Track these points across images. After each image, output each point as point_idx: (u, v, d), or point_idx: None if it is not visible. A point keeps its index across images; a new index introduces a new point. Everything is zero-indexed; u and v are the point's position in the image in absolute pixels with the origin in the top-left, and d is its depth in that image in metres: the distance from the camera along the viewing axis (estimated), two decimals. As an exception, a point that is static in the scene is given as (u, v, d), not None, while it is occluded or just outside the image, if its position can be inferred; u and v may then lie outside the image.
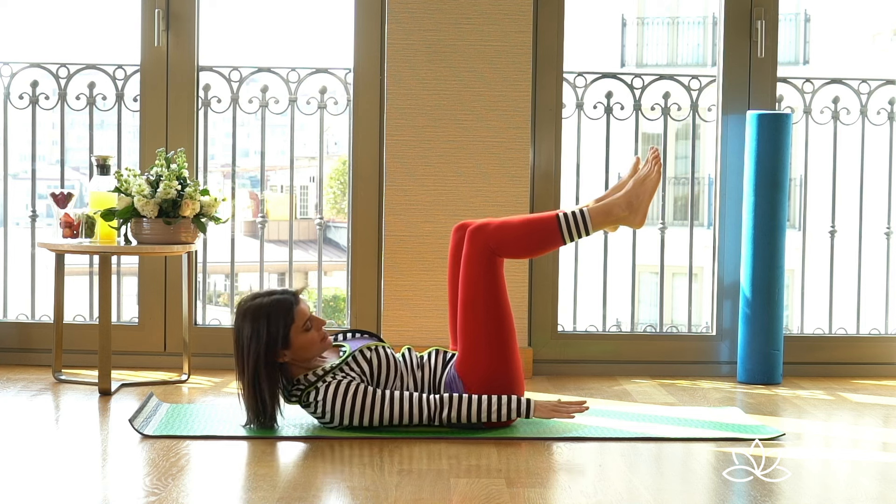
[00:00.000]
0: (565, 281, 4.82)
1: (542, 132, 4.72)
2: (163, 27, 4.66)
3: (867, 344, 4.87)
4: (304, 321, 3.45)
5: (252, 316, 3.42)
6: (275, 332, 3.40)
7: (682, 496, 2.90)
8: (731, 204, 4.77)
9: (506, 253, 3.59)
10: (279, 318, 3.41)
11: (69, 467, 3.09)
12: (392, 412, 3.45)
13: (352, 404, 3.43)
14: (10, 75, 4.79)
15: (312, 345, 3.48)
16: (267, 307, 3.42)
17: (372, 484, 2.92)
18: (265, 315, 3.41)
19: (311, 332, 3.46)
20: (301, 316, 3.44)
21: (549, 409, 3.54)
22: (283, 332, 3.41)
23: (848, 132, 5.05)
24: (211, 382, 4.37)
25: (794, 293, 7.28)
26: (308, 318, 3.46)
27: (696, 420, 3.79)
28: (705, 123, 4.96)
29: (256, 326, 3.40)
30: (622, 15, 14.16)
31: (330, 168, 14.22)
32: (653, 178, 3.65)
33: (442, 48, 4.59)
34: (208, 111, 4.78)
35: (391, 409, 3.45)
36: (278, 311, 3.42)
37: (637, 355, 4.79)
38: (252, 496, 2.82)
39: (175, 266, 4.67)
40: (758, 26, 4.74)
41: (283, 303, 3.44)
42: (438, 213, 4.61)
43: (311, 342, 3.47)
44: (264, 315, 3.41)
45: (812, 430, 3.72)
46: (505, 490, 2.88)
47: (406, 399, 3.46)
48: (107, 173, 4.28)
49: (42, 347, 4.67)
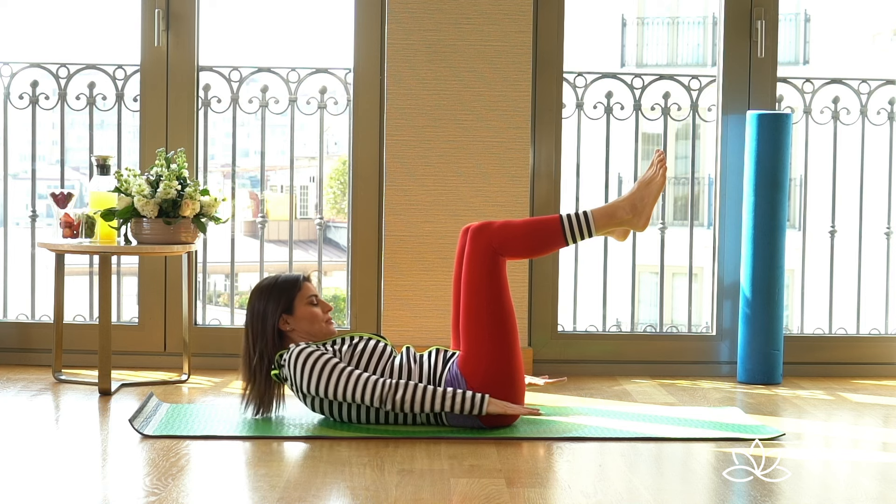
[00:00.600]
0: (565, 281, 4.82)
1: (542, 132, 4.72)
2: (163, 27, 4.66)
3: (867, 344, 4.87)
4: (309, 293, 3.64)
5: (262, 291, 3.65)
6: (279, 297, 3.61)
7: (682, 496, 2.90)
8: (731, 204, 4.77)
9: (508, 253, 3.60)
10: (285, 287, 3.63)
11: (69, 467, 3.09)
12: (346, 386, 3.48)
13: (311, 369, 3.50)
14: (10, 75, 4.79)
15: (315, 318, 3.63)
16: (274, 282, 3.66)
17: (372, 484, 2.92)
18: (275, 289, 3.63)
19: (315, 307, 3.64)
20: (307, 289, 3.64)
21: (501, 405, 3.51)
22: (288, 297, 3.60)
23: (848, 132, 5.05)
24: (211, 382, 4.37)
25: (794, 293, 7.28)
26: (314, 294, 3.65)
27: (696, 420, 3.79)
28: (705, 123, 4.96)
29: (265, 298, 3.62)
30: (622, 15, 14.16)
31: (330, 168, 14.23)
32: (657, 182, 3.67)
33: (442, 48, 4.59)
34: (208, 111, 4.78)
35: (346, 382, 3.48)
36: (285, 282, 3.65)
37: (637, 355, 4.79)
38: (252, 496, 2.82)
39: (175, 266, 4.67)
40: (758, 26, 4.74)
41: (292, 278, 3.67)
42: (438, 213, 4.61)
43: (315, 316, 3.63)
44: (274, 289, 3.64)
45: (812, 430, 3.72)
46: (505, 490, 2.88)
47: (363, 377, 3.50)
48: (107, 173, 4.28)
49: (42, 347, 4.67)
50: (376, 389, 3.48)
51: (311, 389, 3.51)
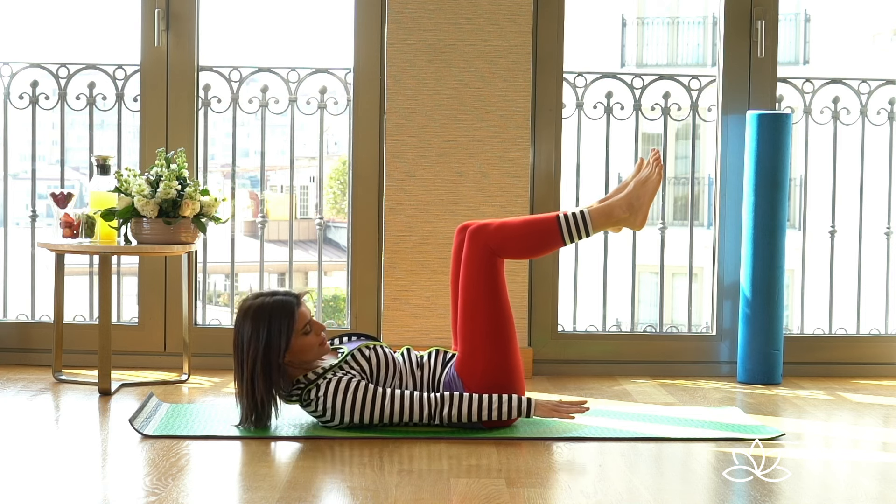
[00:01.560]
0: (565, 281, 4.82)
1: (542, 132, 4.72)
2: (163, 27, 4.66)
3: (867, 344, 4.87)
4: (304, 324, 3.46)
5: (253, 316, 3.43)
6: (275, 334, 3.41)
7: (682, 496, 2.90)
8: (731, 204, 4.77)
9: (506, 253, 3.59)
10: (280, 319, 3.42)
11: (69, 467, 3.09)
12: (393, 410, 3.45)
13: (352, 401, 3.43)
14: (10, 75, 4.79)
15: (310, 349, 3.49)
16: (269, 308, 3.43)
17: (372, 484, 2.92)
18: (266, 316, 3.42)
19: (309, 335, 3.48)
20: (301, 319, 3.46)
21: (549, 408, 3.55)
22: (285, 334, 3.42)
23: (848, 132, 5.05)
24: (211, 382, 4.37)
25: (794, 293, 7.28)
26: (308, 321, 3.48)
27: (696, 420, 3.79)
28: (705, 123, 4.96)
29: (257, 327, 3.41)
30: (622, 15, 14.16)
31: (330, 168, 14.22)
32: (654, 180, 3.67)
33: (442, 48, 4.59)
34: (208, 111, 4.78)
35: (392, 406, 3.45)
36: (280, 312, 3.43)
37: (637, 355, 4.79)
38: (252, 496, 2.82)
39: (175, 266, 4.67)
40: (758, 26, 4.74)
41: (286, 305, 3.45)
42: (438, 213, 4.61)
43: (310, 346, 3.49)
44: (266, 316, 3.42)
45: (812, 430, 3.72)
46: (505, 490, 2.88)
47: (407, 397, 3.46)
48: (107, 173, 4.28)
49: (42, 347, 4.67)
50: (424, 408, 3.45)
51: (357, 420, 3.45)
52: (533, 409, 3.52)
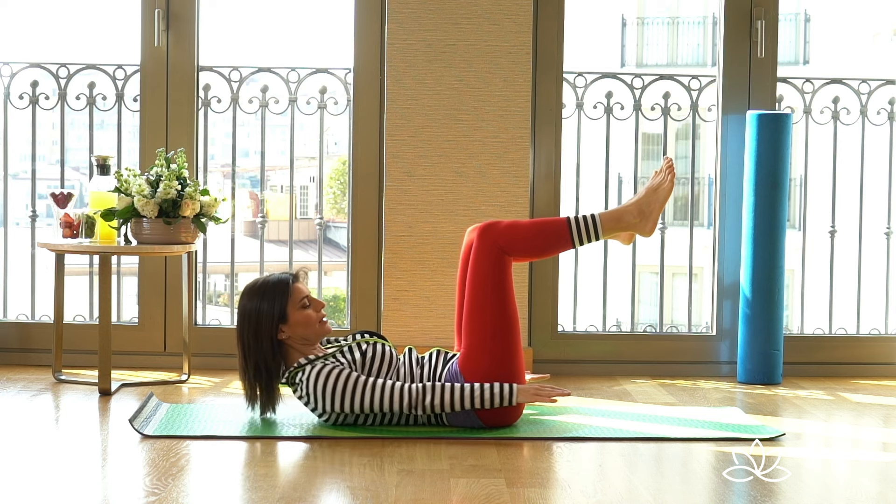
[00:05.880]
0: (565, 281, 4.82)
1: (542, 132, 4.72)
2: (163, 27, 4.66)
3: (867, 344, 4.87)
4: (300, 297, 3.55)
5: (251, 293, 3.56)
6: (269, 303, 3.52)
7: (682, 496, 2.90)
8: (731, 204, 4.77)
9: (514, 252, 3.61)
10: (276, 292, 3.54)
11: (69, 467, 3.09)
12: (373, 398, 3.46)
13: (333, 387, 3.46)
14: (10, 75, 4.79)
15: (310, 322, 3.55)
16: (265, 285, 3.57)
17: (372, 484, 2.93)
18: (263, 291, 3.55)
19: (308, 309, 3.56)
20: (298, 292, 3.56)
21: (531, 393, 3.54)
22: (280, 305, 3.52)
23: (848, 132, 5.05)
24: (211, 382, 4.37)
25: (794, 293, 7.28)
26: (305, 295, 3.57)
27: (696, 420, 3.79)
28: (705, 123, 4.96)
29: (255, 301, 3.54)
30: (622, 15, 14.16)
31: (330, 168, 14.22)
32: (665, 188, 3.71)
33: (442, 48, 4.59)
34: (208, 111, 4.78)
35: (372, 394, 3.46)
36: (275, 287, 3.56)
37: (637, 355, 4.79)
38: (252, 496, 2.82)
39: (175, 266, 4.67)
40: (758, 26, 4.74)
41: (281, 280, 3.58)
42: (438, 213, 4.61)
43: (309, 319, 3.55)
44: (262, 291, 3.55)
45: (812, 430, 3.72)
46: (505, 490, 2.88)
47: (388, 386, 3.48)
48: (107, 173, 4.28)
49: (42, 347, 4.67)
50: (404, 397, 3.47)
51: (337, 407, 3.47)
52: (515, 395, 3.51)
